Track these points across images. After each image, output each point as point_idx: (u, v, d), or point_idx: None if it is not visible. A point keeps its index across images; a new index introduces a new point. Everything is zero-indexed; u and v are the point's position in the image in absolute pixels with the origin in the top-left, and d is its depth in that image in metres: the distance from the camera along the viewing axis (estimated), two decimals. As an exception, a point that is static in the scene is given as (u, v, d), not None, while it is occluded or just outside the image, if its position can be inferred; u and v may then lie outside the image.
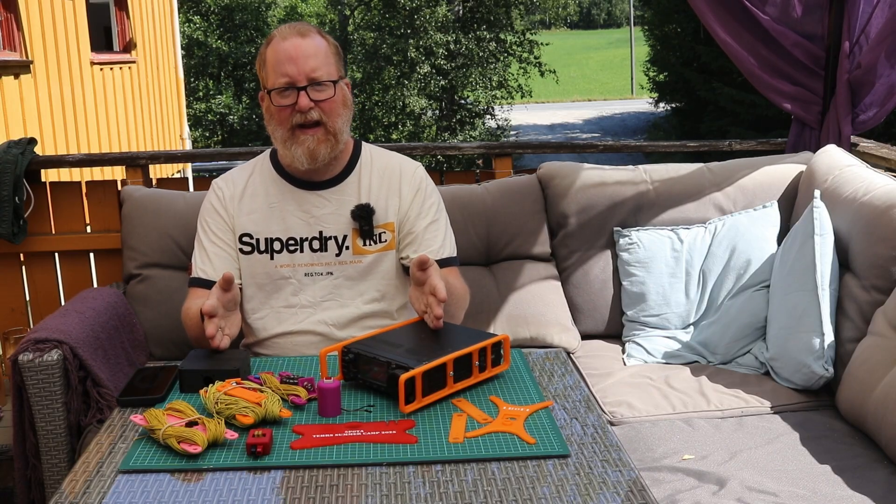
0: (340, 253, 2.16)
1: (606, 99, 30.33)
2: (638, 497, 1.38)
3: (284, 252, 2.16)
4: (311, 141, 2.07)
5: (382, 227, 2.18)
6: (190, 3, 18.80)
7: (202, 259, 2.20)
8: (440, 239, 2.21)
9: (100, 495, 1.39)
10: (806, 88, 3.04)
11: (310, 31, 2.10)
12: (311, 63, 2.05)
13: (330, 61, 2.09)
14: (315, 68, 2.05)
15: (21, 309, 3.10)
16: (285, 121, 2.08)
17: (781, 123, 11.24)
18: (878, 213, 2.28)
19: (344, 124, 2.12)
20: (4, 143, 2.99)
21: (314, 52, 2.06)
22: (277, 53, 2.06)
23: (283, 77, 2.05)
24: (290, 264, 2.16)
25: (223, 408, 1.60)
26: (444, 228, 2.24)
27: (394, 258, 2.20)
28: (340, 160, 2.19)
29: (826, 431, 2.13)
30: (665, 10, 17.76)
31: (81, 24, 8.45)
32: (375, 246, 2.17)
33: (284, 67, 2.04)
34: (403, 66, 17.87)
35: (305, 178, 2.16)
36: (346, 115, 2.13)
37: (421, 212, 2.20)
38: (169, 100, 11.44)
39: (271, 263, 2.17)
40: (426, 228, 2.19)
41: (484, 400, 1.71)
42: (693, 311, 2.68)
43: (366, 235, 2.16)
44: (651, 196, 2.80)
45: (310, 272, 2.16)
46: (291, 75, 2.04)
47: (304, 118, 2.05)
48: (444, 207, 2.28)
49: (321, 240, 2.16)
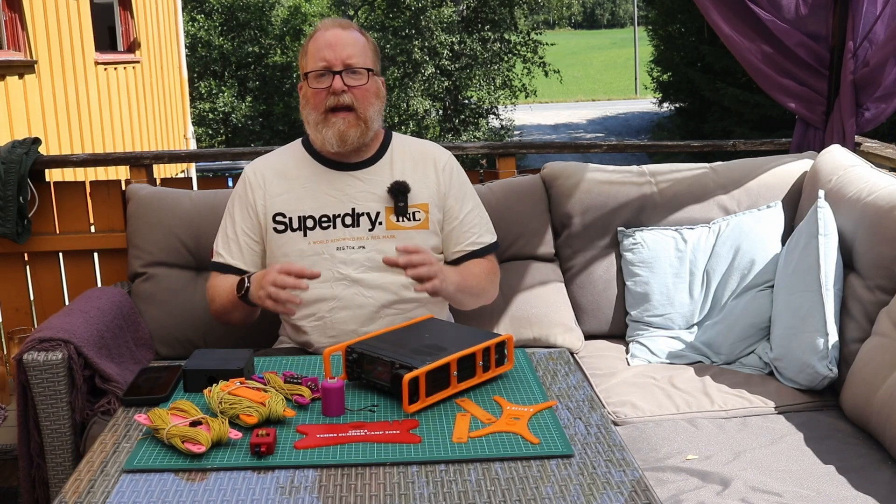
0: (374, 228, 2.22)
1: (610, 99, 30.32)
2: (642, 497, 1.38)
3: (317, 229, 2.22)
4: (342, 123, 2.17)
5: (416, 206, 2.25)
6: (194, 2, 18.81)
7: (224, 244, 2.31)
8: (479, 226, 2.34)
9: (104, 495, 1.39)
10: (810, 88, 3.03)
11: (350, 26, 2.23)
12: (349, 50, 2.17)
13: (367, 54, 2.21)
14: (351, 55, 2.17)
15: (25, 308, 3.11)
16: (319, 104, 2.18)
17: (785, 124, 11.24)
18: (882, 214, 2.28)
19: (375, 114, 2.22)
20: (9, 142, 3.00)
21: (353, 42, 2.19)
22: (318, 41, 2.19)
23: (321, 62, 2.17)
24: (323, 240, 2.22)
25: (227, 407, 1.60)
26: (481, 214, 2.37)
27: (429, 239, 2.26)
28: (371, 146, 2.28)
29: (830, 432, 2.12)
30: (669, 10, 17.77)
31: (85, 23, 8.46)
32: (409, 223, 2.24)
33: (323, 53, 2.17)
34: (407, 66, 17.87)
35: (337, 159, 2.26)
36: (377, 105, 2.23)
37: (459, 196, 2.32)
38: (173, 99, 11.45)
39: (304, 240, 2.22)
40: (466, 216, 2.32)
41: (487, 400, 1.71)
42: (697, 311, 2.68)
43: (400, 213, 2.23)
44: (655, 196, 2.80)
45: (342, 246, 2.21)
46: (329, 60, 2.16)
47: (337, 101, 2.16)
48: (475, 192, 2.40)
49: (353, 216, 2.22)
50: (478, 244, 2.33)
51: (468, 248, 2.32)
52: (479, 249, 2.33)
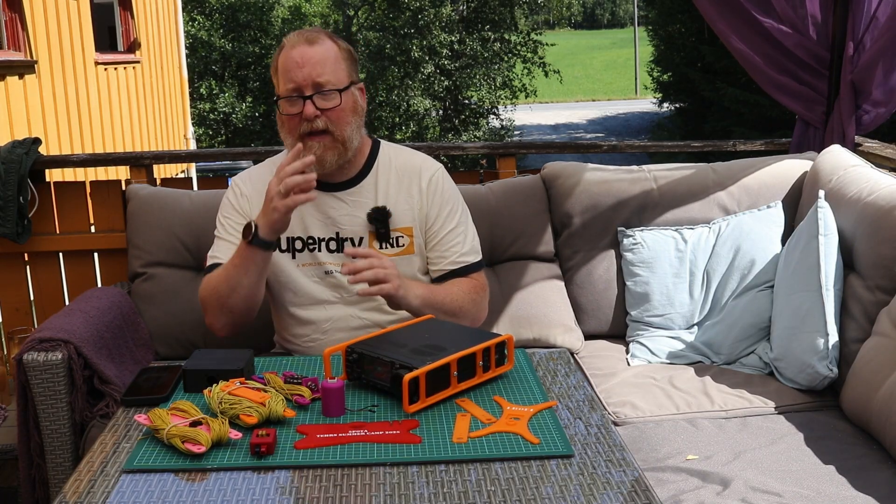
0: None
1: (610, 99, 30.34)
2: (642, 497, 1.38)
3: (305, 251, 2.18)
4: (318, 147, 2.07)
5: (399, 230, 2.18)
6: (194, 2, 18.81)
7: (217, 248, 2.19)
8: (461, 244, 2.23)
9: (104, 495, 1.39)
10: (810, 87, 3.03)
11: (318, 38, 2.09)
12: (318, 70, 2.05)
13: (339, 67, 2.09)
14: (321, 74, 2.05)
15: (25, 308, 3.11)
16: (294, 129, 2.09)
17: (786, 124, 11.24)
18: (882, 214, 2.28)
19: (353, 132, 2.12)
20: (9, 142, 3.00)
21: (321, 60, 2.06)
22: (286, 61, 2.07)
23: (290, 84, 2.06)
24: (311, 263, 2.18)
25: (227, 407, 1.60)
26: (465, 232, 2.26)
27: (414, 263, 2.21)
28: (356, 162, 2.20)
29: (830, 432, 2.12)
30: (669, 10, 17.78)
31: (86, 24, 8.46)
32: (392, 249, 2.18)
33: (291, 74, 2.05)
34: (407, 66, 17.88)
35: (321, 179, 2.15)
36: (355, 122, 2.12)
37: (442, 214, 2.22)
38: (173, 99, 11.46)
39: (293, 262, 2.18)
40: (448, 234, 2.22)
41: (488, 400, 1.71)
42: (697, 311, 2.68)
43: (382, 238, 2.17)
44: (655, 196, 2.80)
45: (329, 270, 2.17)
46: (298, 82, 2.05)
47: (311, 127, 2.06)
48: (465, 209, 2.30)
49: (338, 240, 2.17)
50: (458, 263, 2.22)
51: (448, 267, 2.21)
52: (460, 269, 2.22)
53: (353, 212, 2.17)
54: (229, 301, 2.07)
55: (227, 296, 2.07)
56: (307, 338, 2.21)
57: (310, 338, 2.21)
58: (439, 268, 2.23)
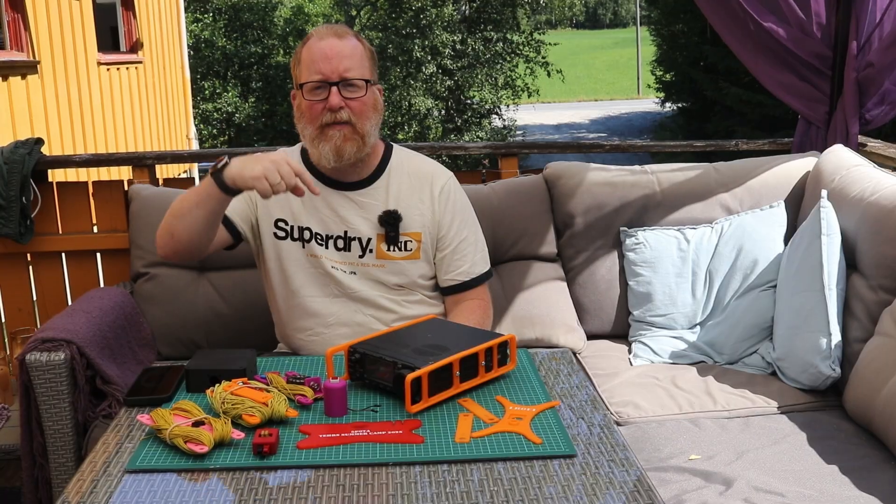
0: (364, 255, 2.18)
1: (613, 99, 30.30)
2: (644, 497, 1.38)
3: (314, 243, 2.19)
4: (339, 137, 2.08)
5: (408, 235, 2.20)
6: (197, 2, 18.82)
7: None
8: (470, 257, 2.26)
9: (106, 495, 1.40)
10: (813, 86, 3.03)
11: (347, 33, 2.12)
12: (346, 63, 2.07)
13: (364, 64, 2.12)
14: (349, 68, 2.07)
15: (28, 309, 3.11)
16: (315, 118, 2.09)
17: (788, 123, 11.21)
18: (885, 213, 2.27)
19: (373, 127, 2.13)
20: (11, 143, 3.00)
21: (350, 53, 2.08)
22: (313, 52, 2.09)
23: (316, 74, 2.07)
24: (319, 256, 2.19)
25: (230, 407, 1.60)
26: (474, 244, 2.28)
27: (419, 268, 2.22)
28: (369, 163, 2.20)
29: (833, 432, 2.12)
30: (671, 10, 17.76)
31: (88, 24, 8.46)
32: (399, 253, 2.19)
33: (318, 65, 2.07)
34: (409, 66, 17.86)
35: (334, 177, 2.18)
36: (375, 118, 2.14)
37: (454, 223, 2.24)
38: (176, 100, 11.45)
39: (303, 251, 2.20)
40: (460, 244, 2.24)
41: (490, 400, 1.71)
42: (699, 311, 2.68)
43: (391, 241, 2.18)
44: (657, 196, 2.80)
45: (336, 266, 2.18)
46: (325, 72, 2.06)
47: (334, 117, 2.07)
48: (475, 218, 2.32)
49: (345, 239, 2.18)
50: (470, 274, 2.25)
51: (459, 279, 2.25)
52: (471, 280, 2.26)
53: (363, 212, 2.18)
54: (176, 225, 2.04)
55: (176, 218, 2.04)
56: (311, 331, 2.22)
57: (313, 331, 2.21)
58: (451, 277, 2.25)
